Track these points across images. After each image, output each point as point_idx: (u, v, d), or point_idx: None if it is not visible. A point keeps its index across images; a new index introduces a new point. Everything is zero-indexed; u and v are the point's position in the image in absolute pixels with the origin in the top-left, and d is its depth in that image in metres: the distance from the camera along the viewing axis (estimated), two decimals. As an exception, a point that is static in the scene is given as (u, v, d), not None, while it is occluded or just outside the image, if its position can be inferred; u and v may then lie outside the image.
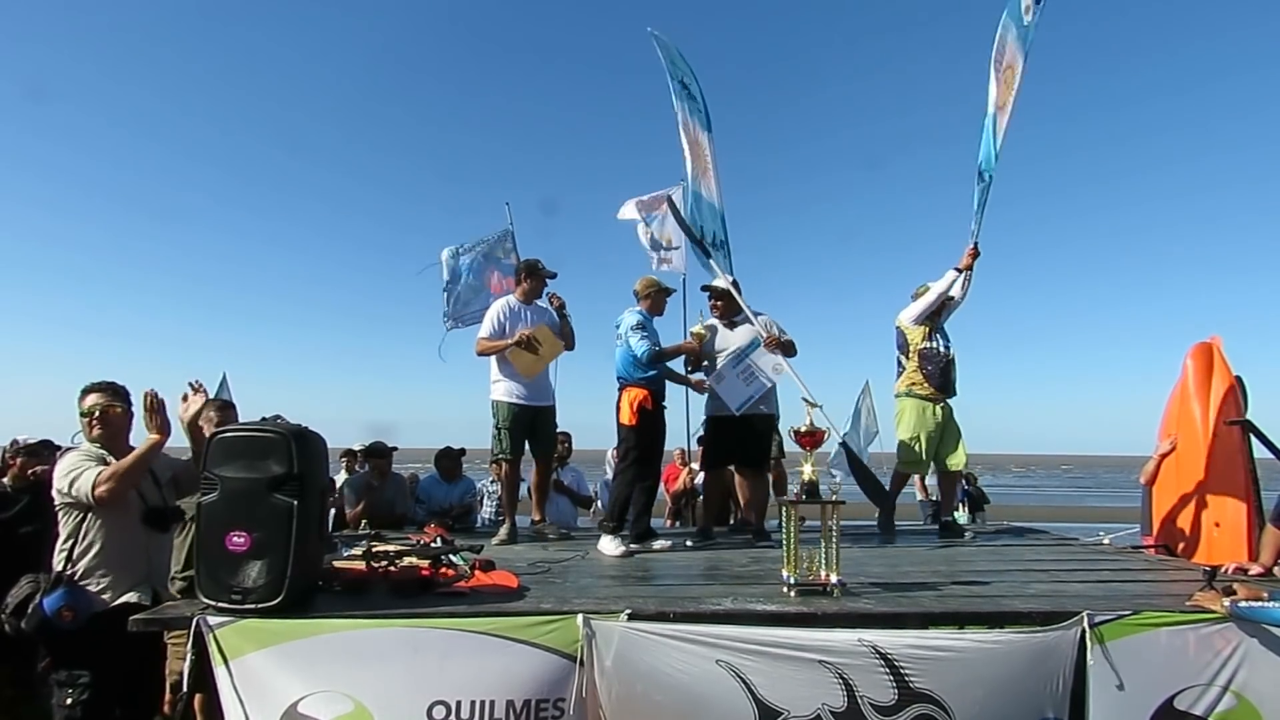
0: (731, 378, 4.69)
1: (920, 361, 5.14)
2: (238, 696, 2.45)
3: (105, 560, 2.99)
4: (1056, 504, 29.21)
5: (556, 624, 2.58)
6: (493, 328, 4.86)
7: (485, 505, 6.65)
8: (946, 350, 5.16)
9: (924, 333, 5.17)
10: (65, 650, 2.91)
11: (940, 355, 5.12)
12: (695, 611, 2.75)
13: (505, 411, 4.86)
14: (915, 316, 5.17)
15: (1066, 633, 2.60)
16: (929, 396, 5.12)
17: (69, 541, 2.97)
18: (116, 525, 3.02)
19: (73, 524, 2.98)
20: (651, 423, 4.54)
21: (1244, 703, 2.60)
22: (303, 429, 2.81)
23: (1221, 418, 4.35)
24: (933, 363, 5.11)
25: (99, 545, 2.99)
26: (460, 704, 2.47)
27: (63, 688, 2.90)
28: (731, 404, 4.67)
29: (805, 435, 3.41)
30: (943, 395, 5.13)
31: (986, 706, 2.54)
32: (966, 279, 5.19)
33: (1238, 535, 4.06)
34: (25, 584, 2.98)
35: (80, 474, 2.94)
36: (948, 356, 5.15)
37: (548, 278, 5.06)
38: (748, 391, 4.66)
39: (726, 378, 4.69)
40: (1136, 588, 3.34)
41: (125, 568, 3.05)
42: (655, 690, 2.52)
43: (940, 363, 5.11)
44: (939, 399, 5.13)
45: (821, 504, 3.20)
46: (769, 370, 4.61)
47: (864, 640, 2.54)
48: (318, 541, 2.89)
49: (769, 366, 4.61)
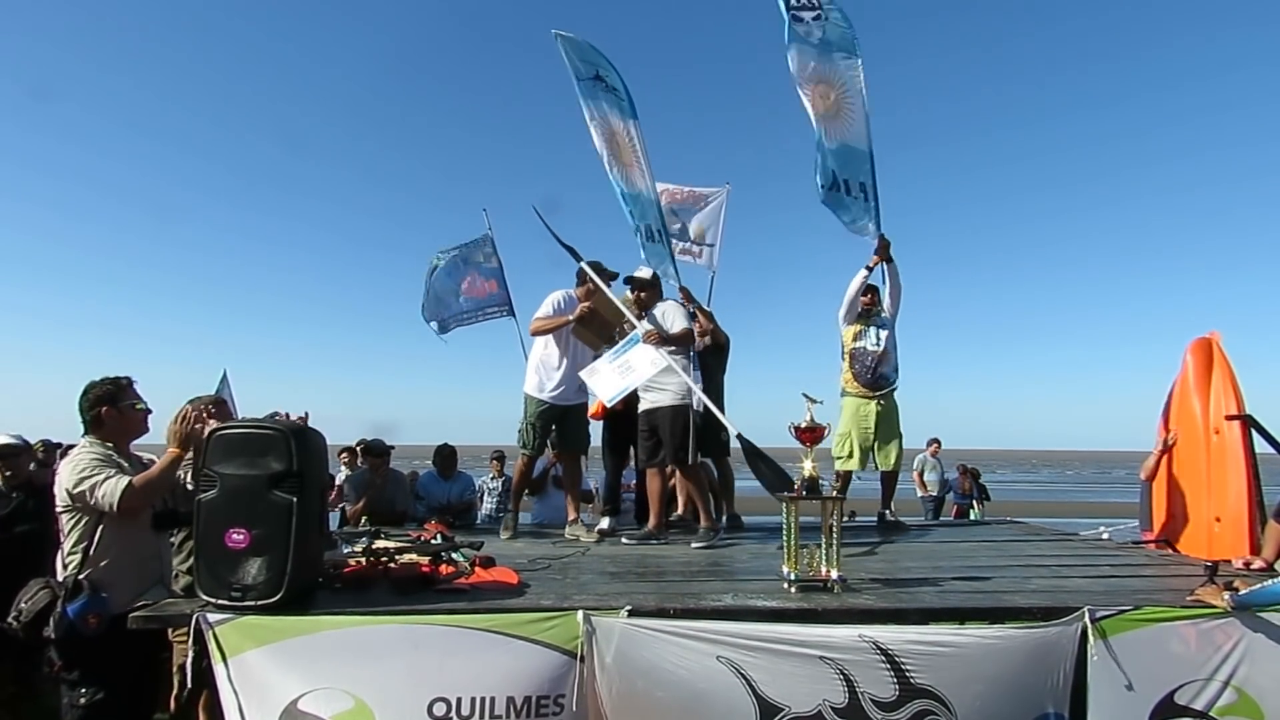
0: (607, 371, 4.69)
1: (850, 360, 5.36)
2: (237, 694, 2.45)
3: (122, 564, 2.95)
4: (1056, 499, 29.24)
5: (557, 620, 2.57)
6: (552, 308, 4.90)
7: (485, 502, 6.65)
8: (877, 348, 5.27)
9: (854, 332, 5.37)
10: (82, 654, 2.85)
11: (868, 353, 5.28)
12: (696, 608, 2.75)
13: (534, 407, 4.90)
14: (842, 317, 5.41)
15: (1067, 628, 2.60)
16: (860, 394, 5.30)
17: (82, 545, 2.88)
18: (131, 529, 2.98)
19: (85, 528, 2.90)
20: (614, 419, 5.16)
21: (1245, 697, 2.60)
22: (302, 426, 2.81)
23: (1221, 413, 4.35)
24: (860, 361, 5.30)
25: (116, 549, 2.93)
26: (460, 700, 2.47)
27: (75, 688, 2.86)
28: (604, 396, 4.69)
29: (805, 431, 3.40)
30: (873, 392, 5.26)
31: (987, 702, 2.54)
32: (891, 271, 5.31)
33: (1238, 530, 4.06)
34: (39, 591, 2.84)
35: (99, 481, 2.85)
36: (877, 354, 5.26)
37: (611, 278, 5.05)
38: (622, 384, 4.63)
39: (599, 371, 4.70)
40: (1137, 583, 3.34)
41: (140, 570, 3.02)
42: (656, 687, 2.52)
43: (868, 360, 5.27)
44: (871, 396, 5.27)
45: (822, 500, 3.20)
46: (646, 365, 4.59)
47: (865, 636, 2.54)
48: (317, 538, 2.89)
49: (646, 360, 4.59)
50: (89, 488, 2.85)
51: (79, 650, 2.83)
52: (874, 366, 5.26)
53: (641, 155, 5.03)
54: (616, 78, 4.94)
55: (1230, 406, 4.30)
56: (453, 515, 5.65)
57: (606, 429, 5.45)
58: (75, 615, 2.75)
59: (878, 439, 5.28)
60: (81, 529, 2.90)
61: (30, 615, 2.79)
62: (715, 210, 6.89)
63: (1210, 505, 4.33)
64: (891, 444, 5.31)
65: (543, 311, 4.92)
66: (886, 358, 5.29)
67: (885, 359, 5.28)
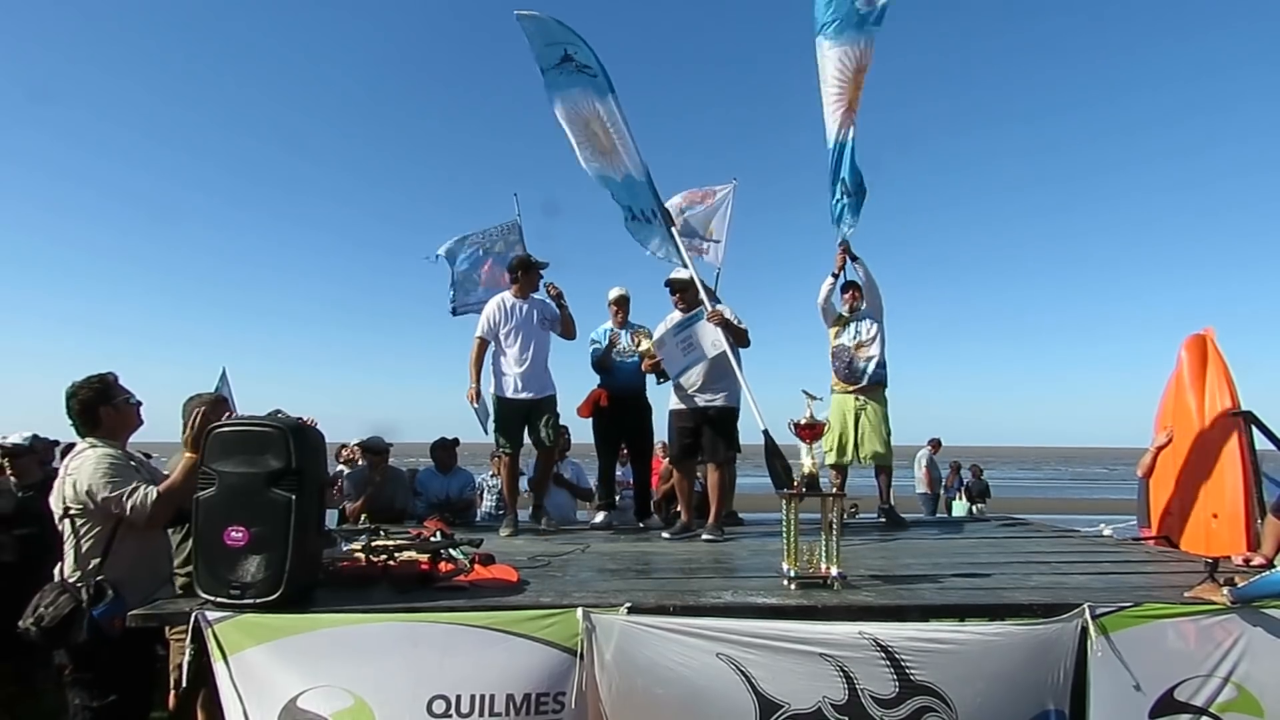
0: (671, 345, 4.72)
1: (832, 358, 5.53)
2: (237, 692, 2.44)
3: (138, 565, 2.94)
4: (1057, 496, 29.25)
5: (556, 618, 2.57)
6: (487, 325, 4.97)
7: (485, 499, 6.64)
8: (853, 341, 5.42)
9: (835, 331, 5.53)
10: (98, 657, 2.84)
11: (845, 349, 5.44)
12: (695, 605, 2.75)
13: (499, 407, 4.98)
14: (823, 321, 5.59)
15: (1067, 625, 2.59)
16: (840, 389, 5.46)
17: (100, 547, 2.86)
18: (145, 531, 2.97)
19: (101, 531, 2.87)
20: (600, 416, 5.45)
21: (1245, 694, 2.60)
22: (301, 423, 2.80)
23: (1216, 409, 4.35)
24: (839, 358, 5.48)
25: (134, 551, 2.93)
26: (460, 698, 2.46)
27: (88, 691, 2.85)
28: (670, 370, 4.75)
29: (805, 428, 3.40)
30: (850, 386, 5.39)
31: (987, 699, 2.53)
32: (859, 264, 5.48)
33: (1236, 526, 4.06)
34: (59, 597, 2.80)
35: (129, 490, 2.83)
36: (851, 348, 5.41)
37: (540, 268, 5.09)
38: (685, 361, 4.69)
39: (667, 344, 4.73)
40: (1137, 579, 3.34)
41: (155, 571, 3.03)
42: (655, 684, 2.52)
43: (845, 356, 5.43)
44: (849, 390, 5.39)
45: (822, 497, 3.20)
46: (707, 344, 4.62)
47: (865, 633, 2.54)
48: (316, 536, 2.88)
49: (708, 340, 4.61)
50: (116, 496, 2.82)
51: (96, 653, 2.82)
52: (850, 361, 5.39)
53: (624, 134, 4.92)
54: (588, 53, 4.80)
55: (1225, 402, 4.30)
56: (452, 513, 5.64)
57: (596, 425, 5.53)
58: (103, 619, 2.74)
59: (858, 433, 5.33)
60: (97, 532, 2.88)
61: (55, 620, 2.75)
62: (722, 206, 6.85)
63: (1207, 501, 4.33)
64: (873, 438, 5.33)
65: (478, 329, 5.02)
66: (862, 350, 5.38)
67: (860, 351, 5.38)
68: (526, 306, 4.98)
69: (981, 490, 13.63)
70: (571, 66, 4.86)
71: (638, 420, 5.56)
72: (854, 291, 5.49)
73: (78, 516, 2.87)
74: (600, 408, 5.41)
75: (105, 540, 2.87)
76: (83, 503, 2.84)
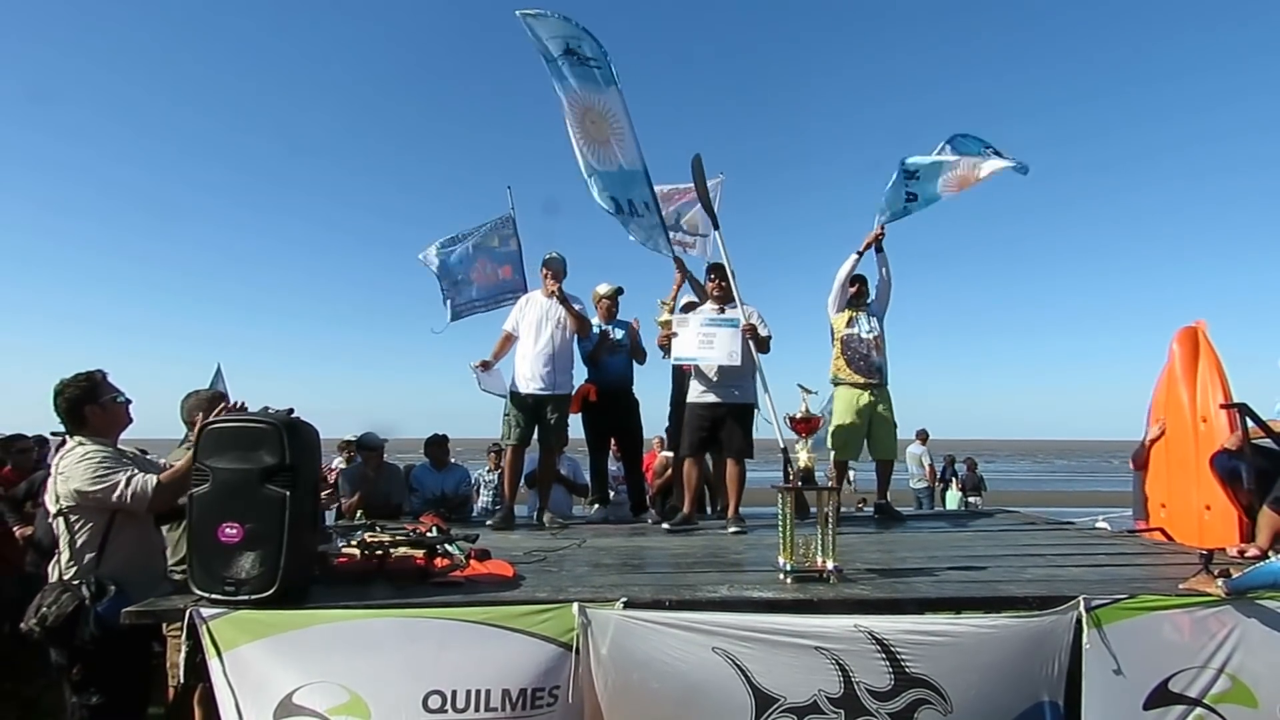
0: (691, 331, 4.72)
1: (842, 347, 5.31)
2: (232, 688, 2.44)
3: (136, 561, 2.94)
4: (1052, 489, 29.36)
5: (552, 613, 2.57)
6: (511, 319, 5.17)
7: (481, 494, 6.63)
8: (870, 334, 5.27)
9: (846, 319, 5.34)
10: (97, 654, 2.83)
11: (862, 340, 5.26)
12: (691, 599, 2.75)
13: (510, 398, 5.04)
14: (832, 303, 5.40)
15: (1062, 617, 2.60)
16: (856, 383, 5.26)
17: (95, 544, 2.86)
18: (141, 526, 2.98)
19: (95, 528, 2.87)
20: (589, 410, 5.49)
21: (1238, 684, 2.61)
22: (294, 419, 2.79)
23: (1208, 401, 4.36)
24: (854, 349, 5.27)
25: (131, 546, 2.93)
26: (456, 693, 2.46)
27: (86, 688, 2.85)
28: (678, 352, 4.77)
29: (801, 421, 3.40)
30: (867, 380, 5.25)
31: (982, 691, 2.54)
32: (881, 261, 5.42)
33: (1228, 518, 4.07)
34: (61, 596, 2.80)
35: (125, 478, 2.83)
36: (870, 341, 5.26)
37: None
38: (696, 354, 4.69)
39: (689, 327, 4.74)
40: (1132, 571, 3.35)
41: (151, 566, 3.03)
42: (651, 678, 2.52)
43: (862, 348, 5.25)
44: (867, 385, 5.25)
45: (818, 490, 3.20)
46: (724, 351, 4.61)
47: (860, 626, 2.54)
48: (311, 532, 2.87)
49: (726, 348, 4.61)
50: (109, 486, 2.82)
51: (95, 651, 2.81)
52: (868, 354, 5.25)
53: (624, 126, 4.93)
54: (592, 44, 4.81)
55: (1217, 395, 4.31)
56: (448, 508, 5.65)
57: (586, 420, 5.59)
58: (108, 615, 2.73)
59: (873, 428, 5.28)
60: (91, 529, 2.87)
61: (58, 619, 2.75)
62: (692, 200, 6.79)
63: (1200, 493, 4.34)
64: (886, 433, 5.32)
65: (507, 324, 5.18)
66: (879, 346, 5.30)
67: (878, 347, 5.29)
68: (550, 303, 5.04)
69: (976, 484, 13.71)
70: (574, 60, 4.88)
71: (626, 414, 5.62)
72: (860, 284, 5.42)
73: (71, 514, 2.86)
74: (589, 402, 5.48)
75: (100, 537, 2.87)
76: (74, 499, 2.83)
